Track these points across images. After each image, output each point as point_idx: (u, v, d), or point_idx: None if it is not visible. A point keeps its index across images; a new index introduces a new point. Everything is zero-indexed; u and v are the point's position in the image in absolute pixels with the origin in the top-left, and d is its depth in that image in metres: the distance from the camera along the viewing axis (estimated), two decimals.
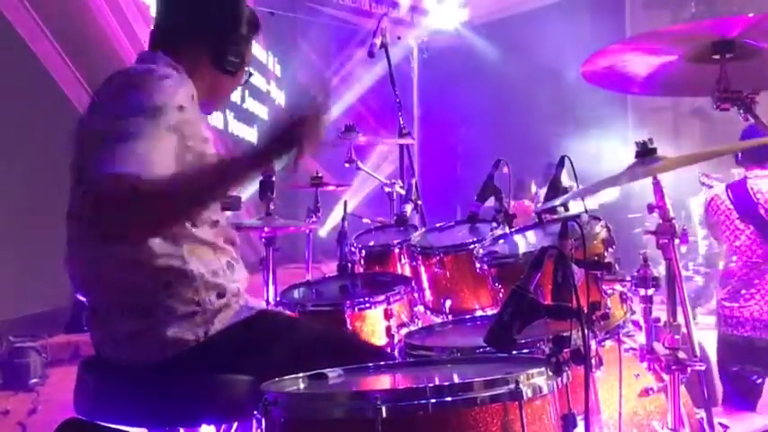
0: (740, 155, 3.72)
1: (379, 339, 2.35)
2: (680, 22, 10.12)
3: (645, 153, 1.88)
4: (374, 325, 2.36)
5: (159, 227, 1.57)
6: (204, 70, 1.87)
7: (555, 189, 2.25)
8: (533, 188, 7.52)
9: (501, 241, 2.37)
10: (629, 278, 1.99)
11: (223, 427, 2.23)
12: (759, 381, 3.58)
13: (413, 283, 2.54)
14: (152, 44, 1.90)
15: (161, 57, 1.82)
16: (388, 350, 2.31)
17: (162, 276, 1.67)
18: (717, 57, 1.79)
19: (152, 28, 1.94)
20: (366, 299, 2.39)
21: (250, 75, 2.03)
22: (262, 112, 8.70)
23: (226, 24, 1.89)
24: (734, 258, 3.71)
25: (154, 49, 1.87)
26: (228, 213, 1.89)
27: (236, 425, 2.18)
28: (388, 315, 2.36)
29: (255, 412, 1.32)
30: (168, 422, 1.75)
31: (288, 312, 2.40)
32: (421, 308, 2.57)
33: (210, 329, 1.70)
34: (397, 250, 2.82)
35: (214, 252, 1.76)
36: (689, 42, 1.81)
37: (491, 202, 2.55)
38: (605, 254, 2.06)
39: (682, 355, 1.90)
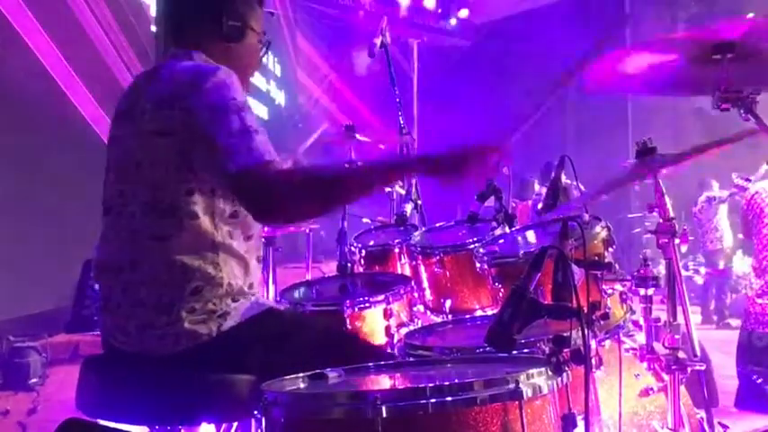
0: None
1: (379, 339, 2.34)
2: (680, 22, 10.14)
3: (645, 153, 1.88)
4: (374, 325, 2.36)
5: (325, 208, 1.74)
6: (216, 49, 1.86)
7: (554, 189, 2.25)
8: (536, 187, 7.47)
9: (501, 241, 2.37)
10: (629, 278, 1.99)
11: (223, 426, 2.23)
12: None
13: (413, 283, 2.54)
14: (169, 39, 1.89)
15: (197, 55, 1.82)
16: (388, 350, 2.31)
17: (194, 280, 1.70)
18: (717, 57, 1.79)
19: (164, 24, 1.93)
20: (366, 299, 2.38)
21: (268, 44, 1.99)
22: (262, 111, 8.70)
23: None
24: None
25: (174, 44, 1.87)
26: (260, 227, 1.89)
27: (236, 425, 2.18)
28: (387, 315, 2.36)
29: (255, 412, 1.32)
30: (169, 421, 1.75)
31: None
32: (421, 308, 2.56)
33: (224, 325, 1.72)
34: (397, 250, 2.81)
35: (245, 268, 1.79)
36: (690, 45, 1.81)
37: (491, 202, 2.55)
38: (605, 254, 2.06)
39: (682, 355, 1.90)
